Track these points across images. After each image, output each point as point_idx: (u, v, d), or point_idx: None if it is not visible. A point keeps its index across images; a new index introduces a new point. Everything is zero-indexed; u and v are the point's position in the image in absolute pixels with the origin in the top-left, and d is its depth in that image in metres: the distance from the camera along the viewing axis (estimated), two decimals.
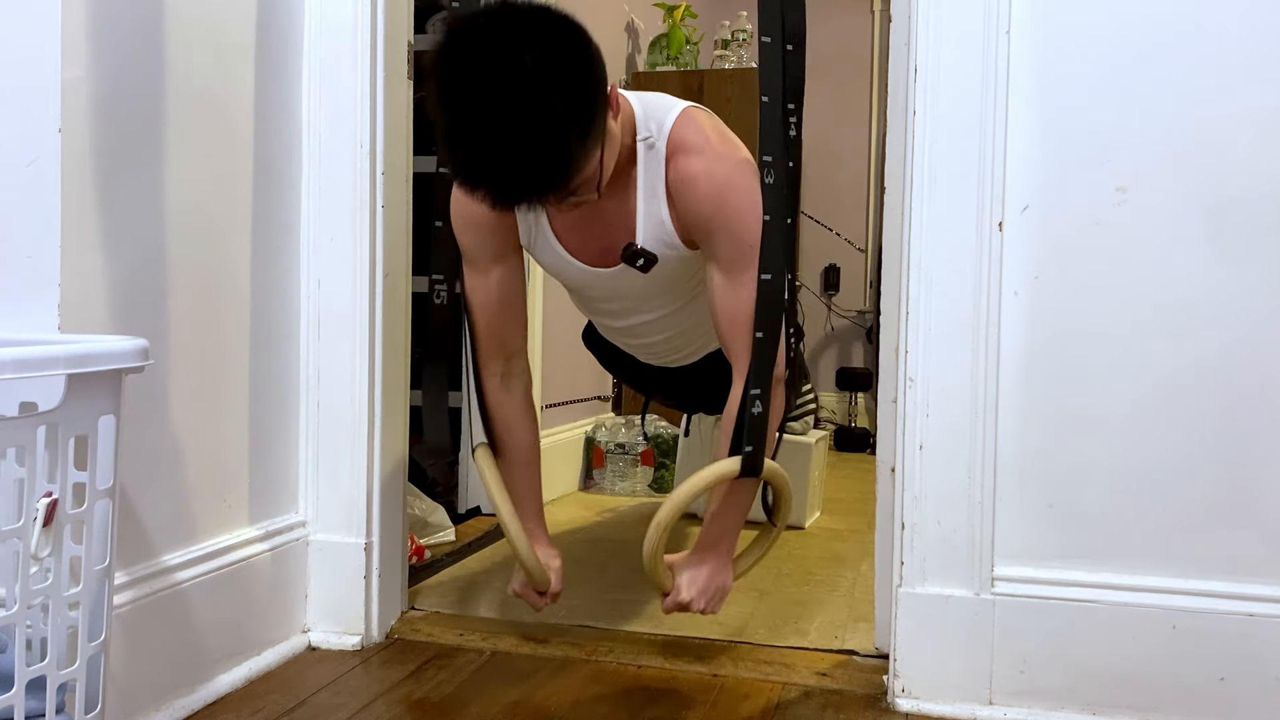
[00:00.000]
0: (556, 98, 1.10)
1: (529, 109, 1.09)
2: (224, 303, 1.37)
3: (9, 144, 1.10)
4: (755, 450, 1.30)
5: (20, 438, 0.87)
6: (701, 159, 1.32)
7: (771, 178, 1.25)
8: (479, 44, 1.12)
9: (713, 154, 1.32)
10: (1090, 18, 1.26)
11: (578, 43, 1.15)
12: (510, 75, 1.09)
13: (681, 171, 1.32)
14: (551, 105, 1.10)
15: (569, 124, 1.12)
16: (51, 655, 0.93)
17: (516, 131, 1.09)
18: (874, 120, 4.29)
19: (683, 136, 1.33)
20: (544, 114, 1.10)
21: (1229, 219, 1.23)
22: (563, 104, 1.11)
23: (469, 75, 1.11)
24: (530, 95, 1.09)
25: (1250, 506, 1.23)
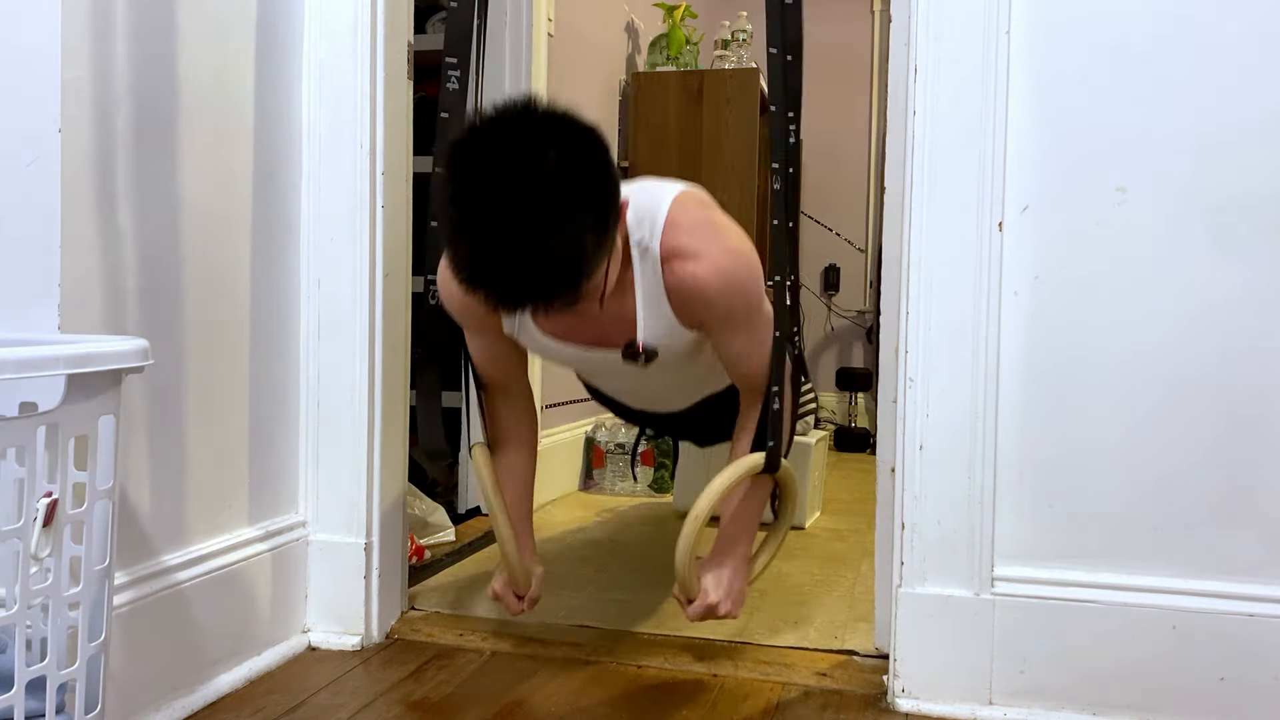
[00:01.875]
0: (578, 202, 1.06)
1: (549, 211, 1.04)
2: (224, 303, 1.37)
3: (9, 144, 1.10)
4: (777, 445, 1.33)
5: (20, 438, 0.87)
6: (700, 264, 1.28)
7: (779, 184, 1.27)
8: (500, 140, 1.07)
9: (710, 256, 1.28)
10: (1090, 18, 1.26)
11: (598, 148, 1.11)
12: (531, 174, 1.05)
13: (682, 278, 1.29)
14: (572, 210, 1.06)
15: (586, 231, 1.07)
16: (51, 655, 0.93)
17: (533, 234, 1.04)
18: (874, 120, 4.29)
19: (676, 241, 1.29)
20: (563, 218, 1.05)
21: (1229, 219, 1.23)
22: (583, 210, 1.07)
23: (487, 170, 1.06)
24: (551, 197, 1.05)
25: (1250, 506, 1.23)
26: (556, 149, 1.07)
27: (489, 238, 1.05)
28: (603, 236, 1.10)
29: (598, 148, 1.12)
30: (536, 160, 1.05)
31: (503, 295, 1.09)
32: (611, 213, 1.13)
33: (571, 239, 1.06)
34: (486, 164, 1.06)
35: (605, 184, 1.11)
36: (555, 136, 1.08)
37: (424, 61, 1.73)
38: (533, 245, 1.04)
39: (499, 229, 1.05)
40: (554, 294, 1.09)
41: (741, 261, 1.32)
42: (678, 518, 2.48)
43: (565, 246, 1.06)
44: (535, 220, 1.04)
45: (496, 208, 1.05)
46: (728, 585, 1.40)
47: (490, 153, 1.07)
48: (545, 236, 1.04)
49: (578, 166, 1.08)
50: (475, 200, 1.06)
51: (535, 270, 1.06)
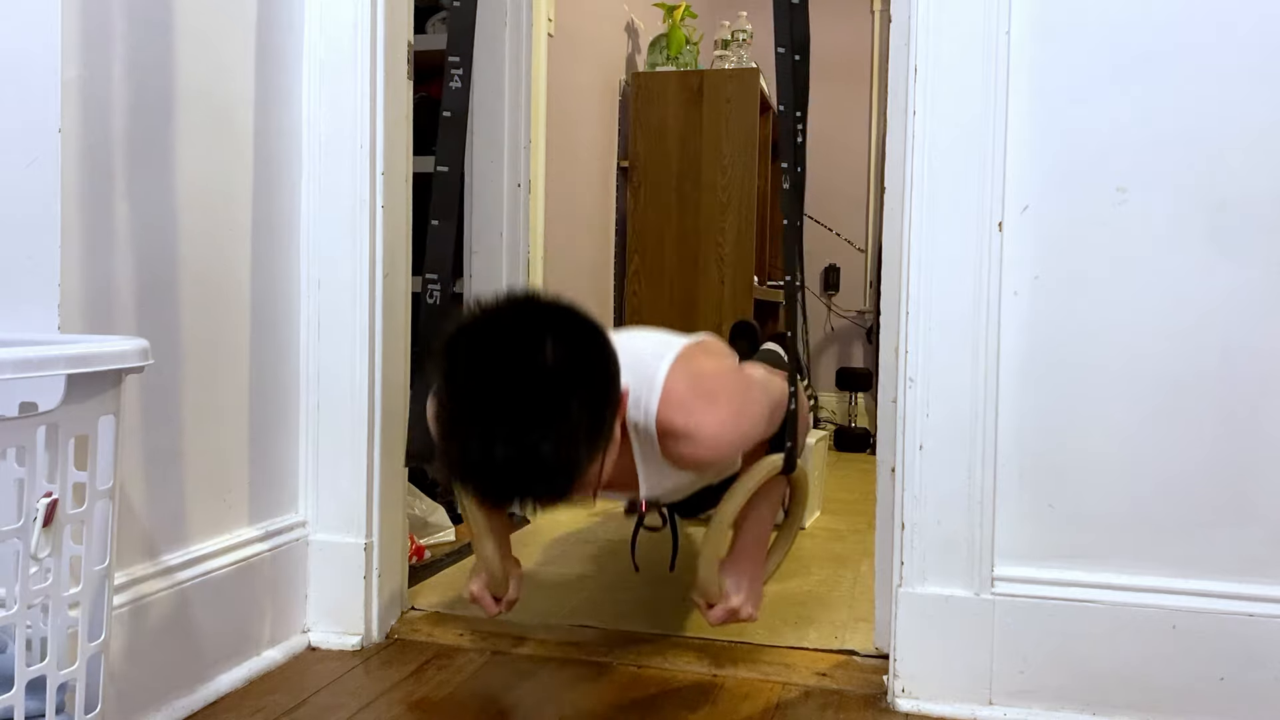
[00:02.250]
0: (573, 402, 1.03)
1: (541, 410, 1.01)
2: (224, 303, 1.37)
3: (9, 144, 1.10)
4: (794, 446, 1.34)
5: (20, 438, 0.87)
6: (695, 443, 1.25)
7: (788, 183, 1.27)
8: (499, 330, 1.05)
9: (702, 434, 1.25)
10: (1090, 18, 1.26)
11: (600, 346, 1.09)
12: (527, 369, 1.02)
13: (679, 457, 1.28)
14: (567, 410, 1.02)
15: (581, 434, 1.03)
16: (51, 655, 0.93)
17: (525, 439, 1.00)
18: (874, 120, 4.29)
19: (670, 423, 1.26)
20: (557, 419, 1.01)
21: (1229, 219, 1.23)
22: (578, 410, 1.03)
23: (484, 366, 1.03)
24: (545, 395, 1.02)
25: (1250, 506, 1.23)
26: (556, 346, 1.03)
27: (481, 439, 1.01)
28: (597, 440, 1.07)
29: (600, 347, 1.09)
30: (533, 355, 1.02)
31: (492, 496, 1.07)
32: (611, 413, 1.09)
33: (565, 444, 1.02)
34: (483, 360, 1.03)
35: (605, 386, 1.08)
36: (557, 332, 1.05)
37: (424, 61, 1.73)
38: (524, 451, 1.00)
39: (492, 431, 1.01)
40: (543, 497, 1.06)
41: (736, 431, 1.28)
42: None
43: (558, 453, 1.01)
44: (529, 425, 1.00)
45: (490, 408, 1.01)
46: (748, 589, 1.39)
47: (488, 343, 1.04)
48: (538, 443, 1.00)
49: (577, 366, 1.05)
50: (469, 397, 1.03)
51: (525, 476, 1.02)
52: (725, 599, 1.37)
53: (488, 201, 2.34)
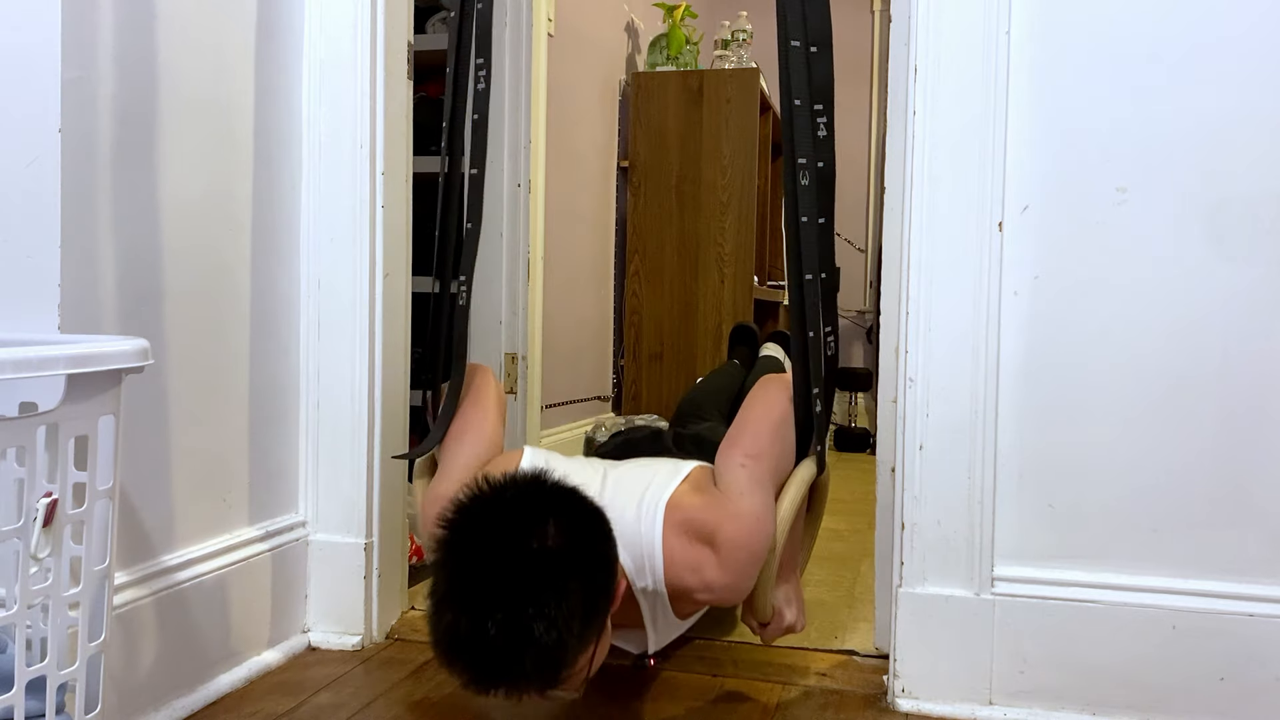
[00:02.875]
0: (571, 586, 1.02)
1: (539, 594, 1.00)
2: (224, 303, 1.37)
3: (9, 144, 1.10)
4: (823, 448, 1.31)
5: (20, 438, 0.87)
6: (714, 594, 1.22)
7: (806, 179, 1.24)
8: (502, 511, 1.05)
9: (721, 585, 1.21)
10: (1090, 18, 1.26)
11: (602, 534, 1.09)
12: (527, 550, 1.01)
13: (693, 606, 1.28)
14: (565, 595, 1.01)
15: (575, 619, 1.02)
16: (51, 655, 0.93)
17: (519, 613, 0.99)
18: (874, 120, 4.29)
19: (681, 582, 1.22)
20: (553, 602, 1.00)
21: (1229, 219, 1.23)
22: (576, 596, 1.02)
23: (483, 540, 1.03)
24: (543, 577, 1.00)
25: (1250, 506, 1.23)
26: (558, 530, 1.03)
27: (473, 615, 1.00)
28: (590, 626, 1.05)
29: (601, 534, 1.08)
30: (535, 541, 1.02)
31: (479, 677, 1.03)
32: (606, 601, 1.08)
33: (559, 628, 1.00)
34: (483, 538, 1.03)
35: (604, 576, 1.07)
36: (560, 516, 1.05)
37: (424, 61, 1.73)
38: (517, 630, 0.99)
39: (486, 608, 0.99)
40: (532, 681, 1.03)
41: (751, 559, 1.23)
42: None
43: (550, 635, 1.00)
44: (524, 605, 0.99)
45: (486, 586, 1.00)
46: (796, 601, 1.36)
47: (489, 526, 1.04)
48: (531, 622, 0.99)
49: (577, 552, 1.04)
50: (466, 573, 1.02)
51: (516, 656, 1.00)
52: (779, 617, 1.33)
53: (488, 201, 2.34)
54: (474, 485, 1.08)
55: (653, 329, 3.47)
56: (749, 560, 1.21)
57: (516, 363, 2.46)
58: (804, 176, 1.24)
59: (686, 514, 1.24)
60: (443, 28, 2.60)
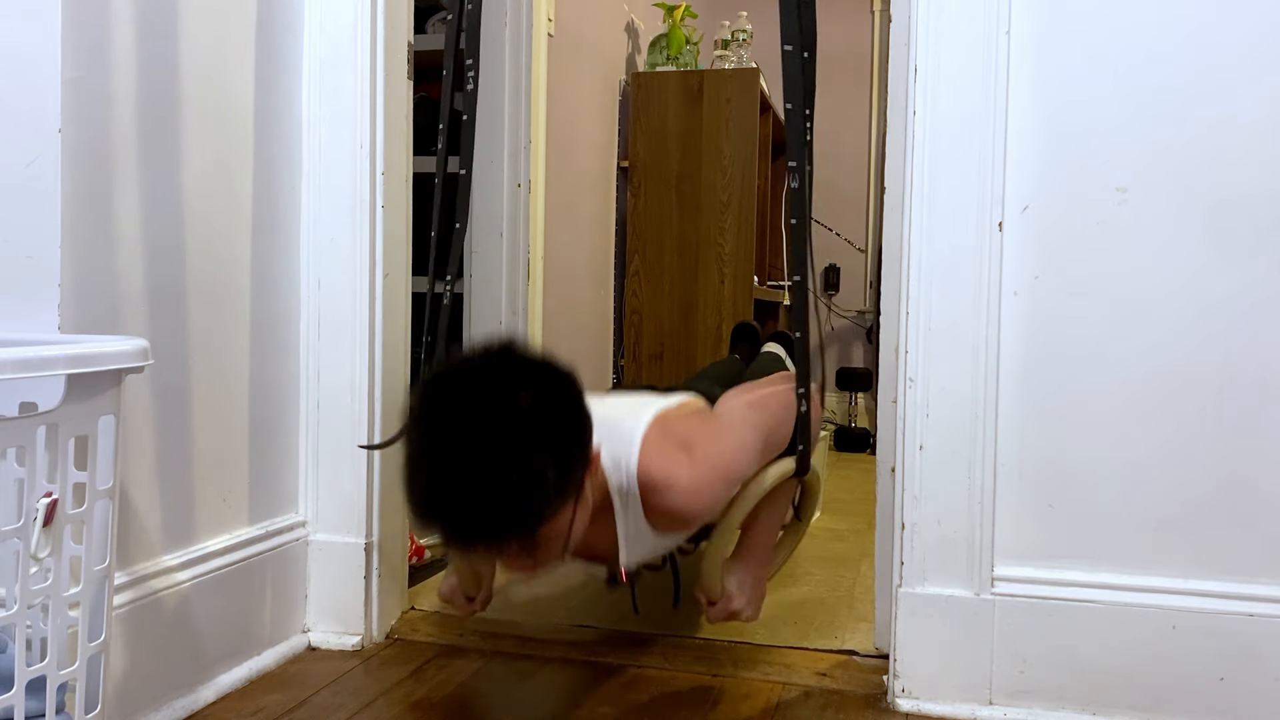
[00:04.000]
0: (542, 443, 1.02)
1: (510, 441, 1.01)
2: (224, 303, 1.37)
3: (9, 144, 1.10)
4: (806, 449, 1.33)
5: (20, 438, 0.87)
6: (678, 494, 1.24)
7: (797, 182, 1.26)
8: (473, 376, 1.05)
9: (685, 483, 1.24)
10: (1090, 17, 1.26)
11: (574, 397, 1.09)
12: (498, 411, 1.02)
13: (662, 507, 1.27)
14: (535, 449, 1.01)
15: (548, 474, 1.02)
16: (51, 655, 0.93)
17: (491, 462, 1.00)
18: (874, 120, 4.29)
19: (651, 478, 1.25)
20: (524, 457, 1.01)
21: (1229, 219, 1.23)
22: (548, 453, 1.02)
23: (454, 404, 1.03)
24: (515, 435, 1.01)
25: (1250, 507, 1.23)
26: (530, 390, 1.03)
27: (445, 473, 1.01)
28: (565, 483, 1.05)
29: (573, 395, 1.09)
30: (505, 399, 1.02)
31: (456, 530, 1.04)
32: (578, 461, 1.08)
33: (531, 478, 1.01)
34: (455, 398, 1.04)
35: (575, 432, 1.08)
36: (530, 378, 1.05)
37: (424, 61, 1.73)
38: (489, 483, 1.00)
39: (456, 462, 1.00)
40: (507, 534, 1.03)
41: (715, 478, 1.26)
42: None
43: (523, 489, 1.01)
44: (495, 457, 1.00)
45: (457, 441, 1.01)
46: (750, 590, 1.39)
47: (460, 387, 1.04)
48: (504, 473, 1.00)
49: (549, 414, 1.04)
50: (437, 432, 1.03)
51: (489, 510, 1.01)
52: (727, 599, 1.37)
53: (488, 201, 2.34)
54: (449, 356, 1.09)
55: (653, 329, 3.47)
56: (717, 477, 1.25)
57: None
58: (794, 179, 1.26)
59: (671, 423, 1.30)
60: (443, 28, 2.60)
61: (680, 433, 1.28)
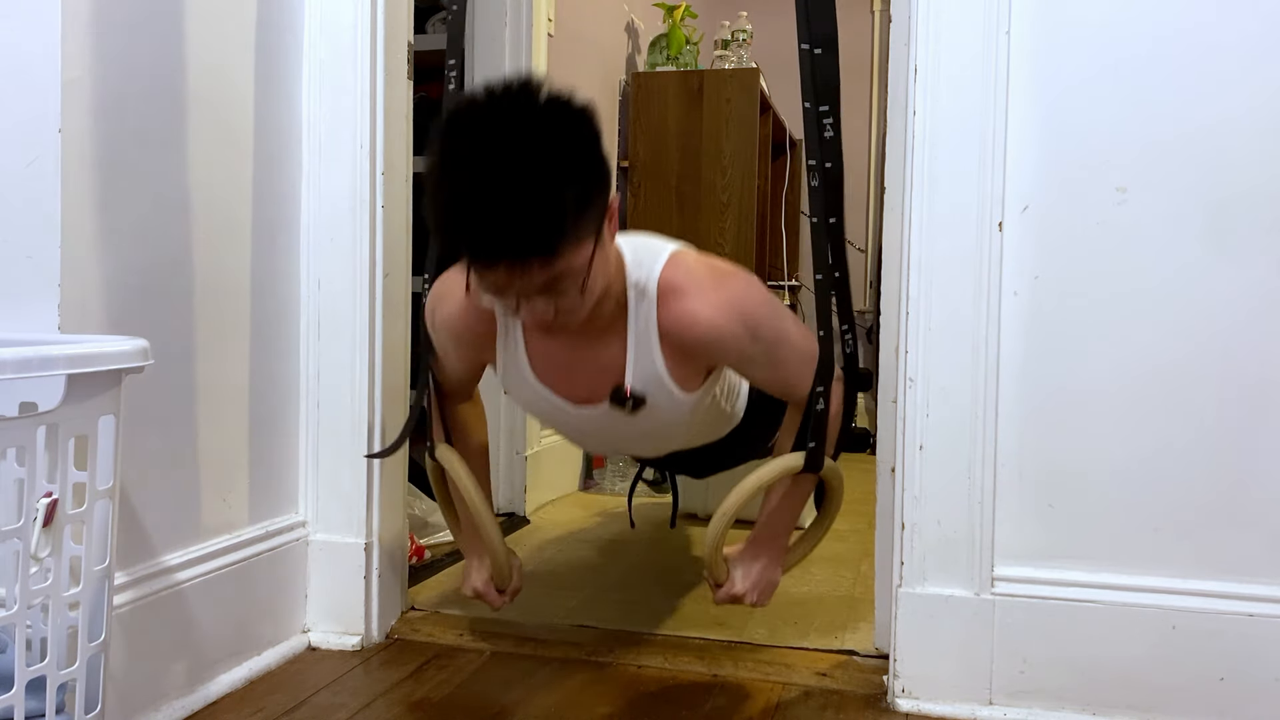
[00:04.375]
0: (561, 159, 1.07)
1: (531, 160, 1.06)
2: (224, 303, 1.37)
3: (9, 144, 1.10)
4: (818, 446, 1.31)
5: (20, 438, 0.87)
6: (697, 299, 1.27)
7: (816, 181, 1.25)
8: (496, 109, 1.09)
9: (707, 291, 1.28)
10: (1090, 17, 1.26)
11: (593, 129, 1.13)
12: (520, 137, 1.06)
13: (679, 314, 1.28)
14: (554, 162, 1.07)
15: (568, 182, 1.07)
16: (51, 655, 0.93)
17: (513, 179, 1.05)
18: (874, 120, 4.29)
19: (674, 280, 1.28)
20: (545, 168, 1.06)
21: (1230, 218, 1.23)
22: (566, 167, 1.07)
23: (478, 132, 1.08)
24: (535, 150, 1.06)
25: (1250, 507, 1.23)
26: (551, 122, 1.08)
27: (469, 188, 1.06)
28: (584, 208, 1.10)
29: (590, 127, 1.13)
30: (527, 127, 1.07)
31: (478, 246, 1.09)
32: (598, 192, 1.13)
33: (551, 195, 1.06)
34: (478, 127, 1.08)
35: (593, 161, 1.12)
36: (551, 111, 1.09)
37: (424, 61, 1.73)
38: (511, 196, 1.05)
39: (479, 174, 1.06)
40: (528, 250, 1.08)
41: (741, 293, 1.29)
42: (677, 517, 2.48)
43: (544, 201, 1.06)
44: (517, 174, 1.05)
45: (481, 161, 1.06)
46: (756, 577, 1.38)
47: (484, 118, 1.09)
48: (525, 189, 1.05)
49: (568, 137, 1.09)
50: (462, 154, 1.08)
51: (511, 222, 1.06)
52: (729, 585, 1.37)
53: None
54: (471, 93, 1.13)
55: None
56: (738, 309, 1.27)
57: None
58: (813, 178, 1.25)
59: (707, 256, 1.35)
60: (443, 28, 2.60)
61: (713, 262, 1.34)
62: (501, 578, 1.44)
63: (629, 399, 1.32)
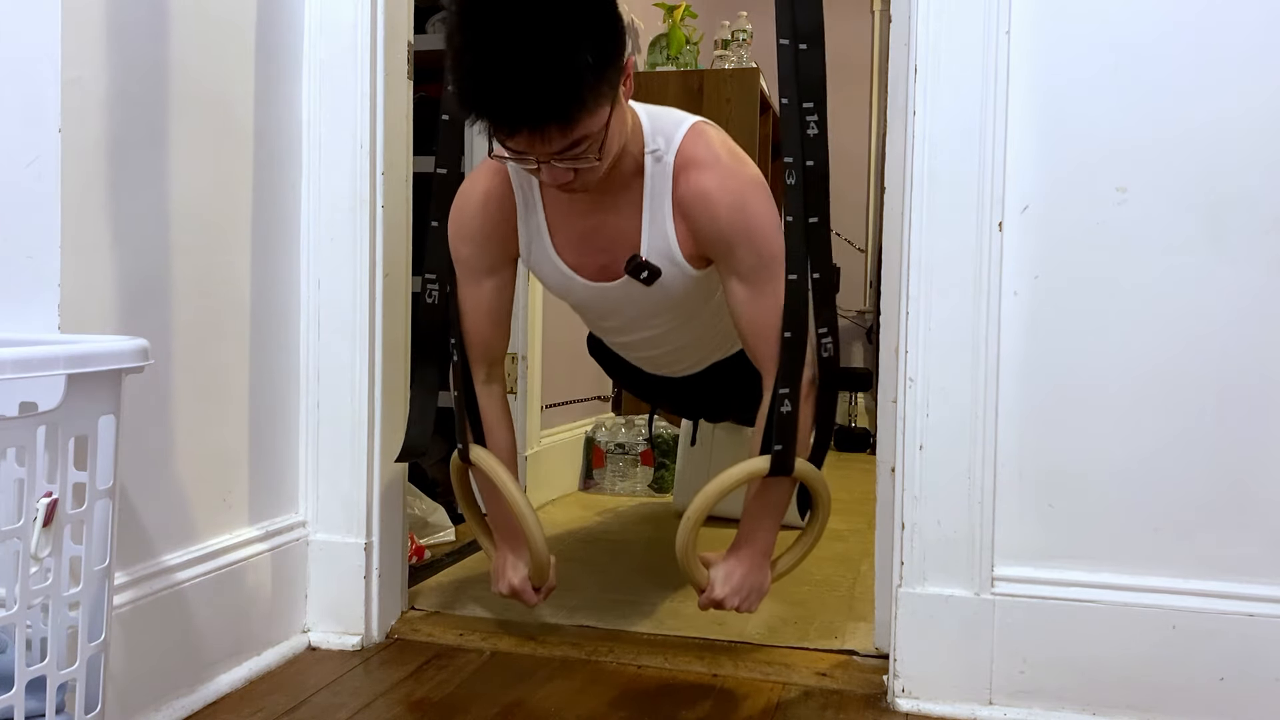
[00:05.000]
0: (576, 23, 1.10)
1: (546, 25, 1.09)
2: (224, 302, 1.37)
3: (9, 144, 1.10)
4: (785, 449, 1.31)
5: (20, 438, 0.87)
6: (713, 174, 1.30)
7: (793, 179, 1.25)
8: None
9: (724, 169, 1.31)
10: (1090, 17, 1.26)
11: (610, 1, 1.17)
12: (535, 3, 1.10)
13: (693, 187, 1.31)
14: (570, 27, 1.10)
15: (584, 47, 1.10)
16: (51, 655, 0.93)
17: (529, 44, 1.09)
18: (874, 120, 4.29)
19: (693, 152, 1.31)
20: (560, 32, 1.09)
21: (1229, 218, 1.23)
22: (582, 32, 1.10)
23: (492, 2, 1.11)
24: (550, 15, 1.09)
25: (1250, 507, 1.23)
26: None
27: (487, 52, 1.10)
28: (601, 72, 1.13)
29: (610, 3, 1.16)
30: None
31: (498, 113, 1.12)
32: (614, 55, 1.15)
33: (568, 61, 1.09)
34: None
35: (609, 23, 1.15)
36: None
37: (424, 61, 1.72)
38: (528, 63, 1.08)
39: (496, 43, 1.09)
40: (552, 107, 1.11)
41: (756, 187, 1.32)
42: (677, 517, 2.48)
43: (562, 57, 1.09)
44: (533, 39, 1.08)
45: (497, 29, 1.09)
46: (737, 582, 1.39)
47: None
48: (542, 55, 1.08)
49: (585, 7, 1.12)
50: (477, 23, 1.11)
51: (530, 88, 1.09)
52: (709, 590, 1.38)
53: None
54: None
55: None
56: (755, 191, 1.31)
57: (516, 363, 2.46)
58: (790, 176, 1.25)
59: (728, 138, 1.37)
60: (443, 28, 2.60)
61: (729, 142, 1.36)
62: (541, 576, 1.46)
63: (644, 267, 1.35)
